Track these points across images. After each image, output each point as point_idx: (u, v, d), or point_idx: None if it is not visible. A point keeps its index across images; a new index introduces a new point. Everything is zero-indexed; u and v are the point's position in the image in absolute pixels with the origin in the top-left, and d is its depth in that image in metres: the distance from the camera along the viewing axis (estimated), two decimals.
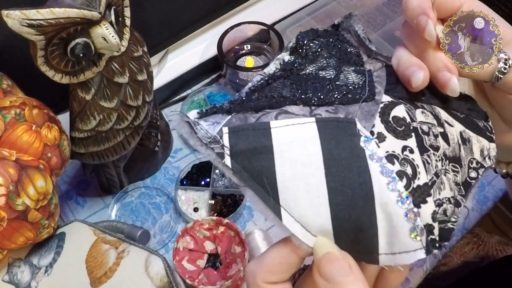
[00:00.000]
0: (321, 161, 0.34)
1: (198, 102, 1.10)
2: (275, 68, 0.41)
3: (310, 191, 0.33)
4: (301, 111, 0.37)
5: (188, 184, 1.00)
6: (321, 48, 0.42)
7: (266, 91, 0.39)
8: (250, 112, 0.37)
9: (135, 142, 0.85)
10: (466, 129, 0.43)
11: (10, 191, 0.65)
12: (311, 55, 0.42)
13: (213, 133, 0.35)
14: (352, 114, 0.37)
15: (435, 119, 0.40)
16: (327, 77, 0.40)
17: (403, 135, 0.37)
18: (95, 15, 0.62)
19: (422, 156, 0.37)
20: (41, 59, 0.64)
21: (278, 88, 0.39)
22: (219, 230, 0.89)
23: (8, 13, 0.57)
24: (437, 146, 0.39)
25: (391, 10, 1.24)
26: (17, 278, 0.75)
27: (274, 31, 1.12)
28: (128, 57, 0.76)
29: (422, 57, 0.42)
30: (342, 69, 0.41)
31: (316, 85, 0.39)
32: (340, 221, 0.34)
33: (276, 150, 0.34)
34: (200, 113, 0.37)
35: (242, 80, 1.11)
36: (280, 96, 0.38)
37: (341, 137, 0.35)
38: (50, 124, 0.73)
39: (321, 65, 0.41)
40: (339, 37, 0.43)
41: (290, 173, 0.34)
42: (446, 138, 0.40)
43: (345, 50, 0.43)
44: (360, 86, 0.39)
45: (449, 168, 0.40)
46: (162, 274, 0.74)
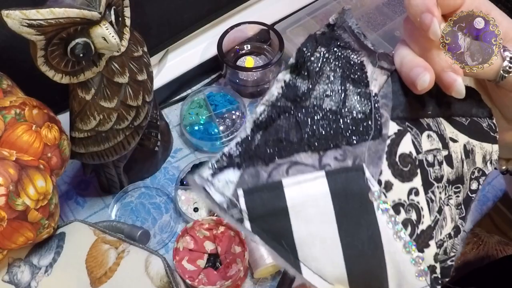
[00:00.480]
0: (334, 218, 0.36)
1: (198, 102, 1.10)
2: (277, 93, 0.40)
3: (325, 247, 0.36)
4: (310, 159, 0.37)
5: (188, 184, 1.00)
6: (323, 63, 0.41)
7: (272, 132, 0.38)
8: (261, 164, 0.37)
9: (135, 142, 0.85)
10: (470, 139, 0.44)
11: (10, 191, 0.65)
12: (314, 73, 0.40)
13: (229, 195, 0.36)
14: (360, 157, 0.38)
15: (440, 141, 0.41)
16: (332, 108, 0.39)
17: (409, 176, 0.39)
18: (95, 15, 0.62)
19: (426, 195, 0.39)
20: (41, 59, 0.64)
21: (284, 128, 0.39)
22: (219, 230, 0.89)
23: (8, 13, 0.57)
24: (441, 175, 0.41)
25: (391, 10, 1.24)
26: (17, 278, 0.75)
27: (274, 31, 1.12)
28: (128, 57, 0.76)
29: (425, 56, 0.41)
30: (347, 92, 0.40)
31: (322, 123, 0.39)
32: (354, 271, 0.36)
33: (291, 212, 0.36)
34: (212, 169, 0.37)
35: (242, 80, 1.11)
36: (288, 141, 0.38)
37: (351, 191, 0.37)
38: (50, 124, 0.73)
39: (325, 90, 0.40)
40: (339, 42, 0.42)
41: (306, 231, 0.36)
42: (450, 161, 0.42)
43: (348, 61, 0.41)
44: (366, 115, 0.39)
45: (452, 192, 0.43)
46: (162, 274, 0.74)
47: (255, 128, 0.38)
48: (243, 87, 1.12)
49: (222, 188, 0.36)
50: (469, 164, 0.45)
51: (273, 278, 0.91)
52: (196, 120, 1.08)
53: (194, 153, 1.07)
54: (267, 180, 0.36)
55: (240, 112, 1.08)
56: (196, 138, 1.04)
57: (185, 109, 1.09)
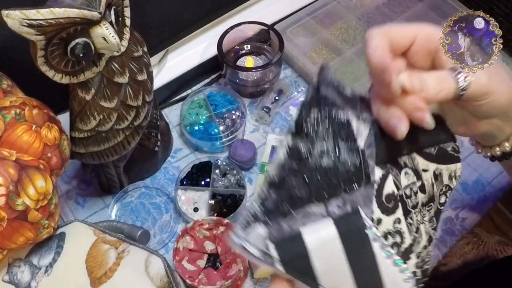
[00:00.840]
0: (343, 253, 0.48)
1: (198, 102, 1.10)
2: (284, 156, 0.49)
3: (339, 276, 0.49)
4: (318, 209, 0.47)
5: (188, 184, 1.00)
6: (317, 124, 0.50)
7: (284, 190, 0.49)
8: (281, 218, 0.48)
9: (135, 142, 0.85)
10: (438, 165, 0.56)
11: (10, 191, 0.65)
12: (311, 135, 0.49)
13: (262, 248, 0.47)
14: (356, 202, 0.49)
15: (415, 175, 0.54)
16: (330, 165, 0.49)
17: (393, 210, 0.51)
18: (95, 15, 0.62)
19: (406, 221, 0.53)
20: (41, 59, 0.64)
21: (294, 186, 0.49)
22: (219, 230, 0.89)
23: (8, 13, 0.57)
24: (417, 202, 0.54)
25: (391, 10, 1.24)
26: (17, 278, 0.75)
27: (274, 31, 1.12)
28: (128, 57, 0.76)
29: (395, 101, 0.48)
30: (340, 150, 0.50)
31: (323, 178, 0.48)
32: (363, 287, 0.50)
33: (310, 254, 0.47)
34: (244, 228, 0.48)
35: (242, 80, 1.11)
36: (298, 197, 0.48)
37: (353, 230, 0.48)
38: (50, 124, 0.73)
39: (322, 149, 0.49)
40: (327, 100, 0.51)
41: (325, 266, 0.48)
42: (423, 189, 0.55)
43: (337, 120, 0.50)
44: (357, 167, 0.49)
45: (425, 211, 0.56)
46: (162, 274, 0.74)
47: (270, 188, 0.49)
48: (243, 87, 1.12)
49: (254, 242, 0.48)
50: (438, 185, 0.57)
51: None
52: (196, 120, 1.08)
53: (194, 153, 1.08)
54: (289, 232, 0.47)
55: (240, 112, 1.08)
56: (196, 138, 1.04)
57: (185, 109, 1.09)
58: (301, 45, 1.18)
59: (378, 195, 0.50)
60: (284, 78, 1.19)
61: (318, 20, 1.22)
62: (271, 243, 0.48)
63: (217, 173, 1.01)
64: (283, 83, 1.14)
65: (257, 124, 1.12)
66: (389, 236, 0.50)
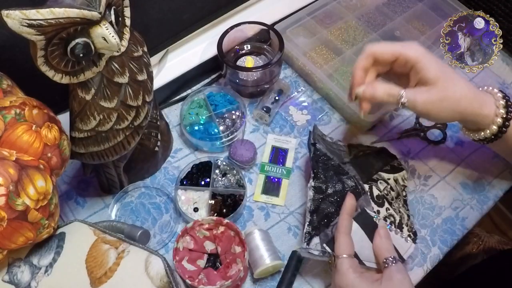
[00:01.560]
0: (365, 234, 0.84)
1: (198, 102, 1.10)
2: (312, 194, 0.88)
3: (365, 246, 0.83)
4: None
5: (188, 184, 1.00)
6: (325, 170, 0.91)
7: (321, 213, 0.87)
8: (325, 228, 0.85)
9: (135, 142, 0.85)
10: (393, 174, 0.97)
11: (10, 191, 0.65)
12: (324, 178, 0.90)
13: (321, 249, 0.83)
14: (362, 205, 0.88)
15: (385, 183, 0.95)
16: (341, 190, 0.89)
17: (382, 204, 0.90)
18: (95, 15, 0.62)
19: (392, 207, 0.91)
20: (41, 59, 0.64)
21: (325, 209, 0.87)
22: (219, 230, 0.89)
23: (8, 13, 0.57)
24: (392, 197, 0.94)
25: (391, 10, 1.24)
26: (17, 278, 0.75)
27: (274, 31, 1.12)
28: (128, 57, 0.76)
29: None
30: (343, 181, 0.91)
31: (340, 198, 0.88)
32: None
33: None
34: (306, 243, 0.84)
35: (242, 80, 1.11)
36: (330, 214, 0.87)
37: (366, 221, 0.86)
38: (50, 124, 0.73)
39: (334, 183, 0.90)
40: (325, 156, 0.93)
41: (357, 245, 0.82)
42: (392, 189, 0.95)
43: (334, 167, 0.92)
44: (356, 187, 0.90)
45: (399, 201, 0.95)
46: (162, 274, 0.74)
47: (311, 213, 0.87)
48: (243, 87, 1.12)
49: (315, 247, 0.83)
50: (398, 185, 0.97)
51: (273, 278, 0.91)
52: (196, 120, 1.08)
53: (194, 153, 1.08)
54: (332, 235, 0.84)
55: (240, 112, 1.08)
56: (196, 138, 1.04)
57: (185, 109, 1.09)
58: (301, 45, 1.18)
59: (372, 198, 0.90)
60: (284, 78, 1.19)
61: (318, 20, 1.22)
62: (325, 245, 0.83)
63: (217, 173, 1.01)
64: (283, 83, 1.14)
65: (257, 124, 1.12)
66: (387, 218, 0.88)
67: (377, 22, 1.23)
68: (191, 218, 0.94)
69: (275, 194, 1.01)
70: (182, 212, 0.96)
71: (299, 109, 1.14)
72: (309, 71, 1.14)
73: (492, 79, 1.16)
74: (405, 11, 1.23)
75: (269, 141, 1.08)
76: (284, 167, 1.05)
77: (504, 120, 0.83)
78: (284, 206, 1.00)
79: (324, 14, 1.23)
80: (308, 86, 1.18)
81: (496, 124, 0.83)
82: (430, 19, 1.20)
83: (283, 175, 1.03)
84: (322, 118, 1.13)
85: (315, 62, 1.15)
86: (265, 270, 0.87)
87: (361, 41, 1.17)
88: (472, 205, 1.00)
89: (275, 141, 1.08)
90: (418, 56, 0.81)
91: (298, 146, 1.08)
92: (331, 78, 1.12)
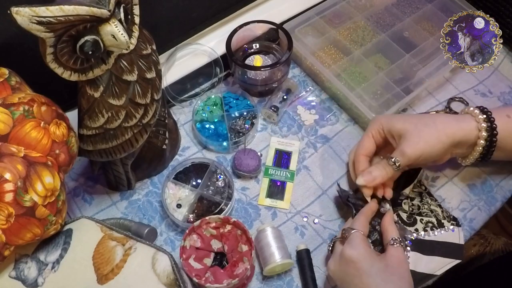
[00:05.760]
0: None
1: (214, 100, 1.11)
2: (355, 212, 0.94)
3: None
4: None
5: (181, 179, 1.00)
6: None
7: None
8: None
9: (143, 140, 0.85)
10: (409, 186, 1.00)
11: (18, 187, 0.65)
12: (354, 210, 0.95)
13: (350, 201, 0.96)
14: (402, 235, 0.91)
15: (406, 198, 0.99)
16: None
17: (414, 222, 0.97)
18: (104, 12, 0.62)
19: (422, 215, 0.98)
20: (50, 56, 0.64)
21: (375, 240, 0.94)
22: (226, 229, 0.89)
23: (18, 10, 0.57)
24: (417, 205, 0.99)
25: (400, 11, 1.24)
26: (24, 274, 0.75)
27: (282, 30, 1.12)
28: (137, 55, 0.76)
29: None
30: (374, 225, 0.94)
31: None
32: None
33: None
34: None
35: (251, 78, 1.11)
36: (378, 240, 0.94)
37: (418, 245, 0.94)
38: (58, 121, 0.73)
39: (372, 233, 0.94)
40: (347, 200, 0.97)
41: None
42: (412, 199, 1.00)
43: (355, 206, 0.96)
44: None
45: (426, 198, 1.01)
46: (169, 271, 0.74)
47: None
48: (251, 85, 1.12)
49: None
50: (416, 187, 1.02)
51: (279, 277, 0.91)
52: (208, 117, 1.08)
53: (202, 151, 1.08)
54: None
55: (250, 116, 1.08)
56: (204, 136, 1.04)
57: (200, 105, 1.10)
58: (310, 44, 1.17)
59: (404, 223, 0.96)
60: (292, 77, 1.19)
61: (327, 19, 1.21)
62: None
63: (210, 178, 1.00)
64: (291, 82, 1.14)
65: (265, 123, 1.12)
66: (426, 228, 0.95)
67: (386, 23, 1.23)
68: (171, 213, 0.93)
69: (279, 198, 1.01)
70: (166, 204, 0.95)
71: (307, 108, 1.14)
72: (317, 70, 1.14)
73: (503, 83, 1.16)
74: (414, 12, 1.23)
75: (272, 144, 1.08)
76: (288, 170, 1.04)
77: (491, 130, 0.85)
78: (291, 206, 1.00)
79: (333, 13, 1.23)
80: (316, 85, 1.18)
81: (482, 138, 0.86)
82: (440, 20, 1.19)
83: (287, 178, 1.03)
84: (330, 118, 1.13)
85: (324, 62, 1.14)
86: (274, 268, 0.87)
87: (369, 41, 1.17)
88: (479, 206, 0.99)
89: (278, 144, 1.08)
90: (381, 123, 0.92)
91: (305, 146, 1.08)
92: (339, 78, 1.12)
